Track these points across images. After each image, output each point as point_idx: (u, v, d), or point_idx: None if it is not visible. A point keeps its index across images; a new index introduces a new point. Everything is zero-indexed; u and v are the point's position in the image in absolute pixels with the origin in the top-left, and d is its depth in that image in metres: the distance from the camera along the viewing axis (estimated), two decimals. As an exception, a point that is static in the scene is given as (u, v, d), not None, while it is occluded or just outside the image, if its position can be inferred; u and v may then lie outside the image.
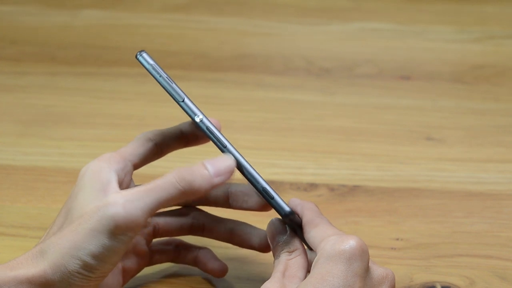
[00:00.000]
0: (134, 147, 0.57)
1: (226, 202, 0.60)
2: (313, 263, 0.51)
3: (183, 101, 0.54)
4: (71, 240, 0.50)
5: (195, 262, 0.62)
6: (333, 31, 1.03)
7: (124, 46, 0.99)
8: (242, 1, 1.10)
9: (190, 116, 0.54)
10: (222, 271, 0.62)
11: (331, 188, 0.74)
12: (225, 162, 0.53)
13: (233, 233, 0.60)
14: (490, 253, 0.66)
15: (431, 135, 0.82)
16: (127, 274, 0.59)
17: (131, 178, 0.57)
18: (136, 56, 0.55)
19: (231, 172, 0.53)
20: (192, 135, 0.59)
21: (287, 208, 0.53)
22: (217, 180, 0.52)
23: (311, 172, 0.76)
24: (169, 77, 0.55)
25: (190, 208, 0.61)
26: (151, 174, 0.63)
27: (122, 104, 0.86)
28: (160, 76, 0.55)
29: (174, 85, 0.55)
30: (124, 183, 0.55)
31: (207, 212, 0.62)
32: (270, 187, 0.53)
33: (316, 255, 0.51)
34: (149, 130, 0.58)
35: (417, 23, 1.04)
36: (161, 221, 0.61)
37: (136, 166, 0.57)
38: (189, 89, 0.89)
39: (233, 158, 0.53)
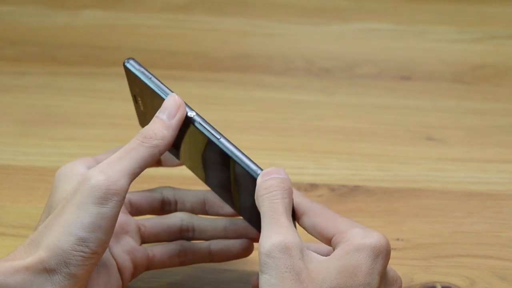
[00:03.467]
0: (110, 154, 0.57)
1: (202, 208, 0.61)
2: (336, 251, 0.51)
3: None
4: (61, 221, 0.51)
5: (210, 257, 0.61)
6: (333, 31, 1.03)
7: (124, 46, 0.99)
8: (242, 1, 1.10)
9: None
10: (248, 248, 0.61)
11: (332, 188, 0.74)
12: (170, 102, 0.54)
13: (227, 230, 0.60)
14: (491, 253, 0.66)
15: (432, 135, 0.82)
16: (124, 273, 0.58)
17: None
18: (124, 63, 0.56)
19: (179, 106, 0.54)
20: (165, 157, 0.60)
21: None
22: (174, 121, 0.54)
23: (311, 172, 0.76)
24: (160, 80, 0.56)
25: (180, 213, 0.61)
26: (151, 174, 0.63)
27: (122, 104, 0.86)
28: (150, 78, 0.55)
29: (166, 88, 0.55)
30: None
31: (196, 215, 0.61)
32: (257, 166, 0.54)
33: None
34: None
35: (417, 23, 1.04)
36: (148, 223, 0.60)
37: None
38: (189, 89, 0.90)
39: (173, 94, 0.54)
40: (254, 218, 0.57)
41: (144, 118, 0.60)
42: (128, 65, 0.56)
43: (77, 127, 0.83)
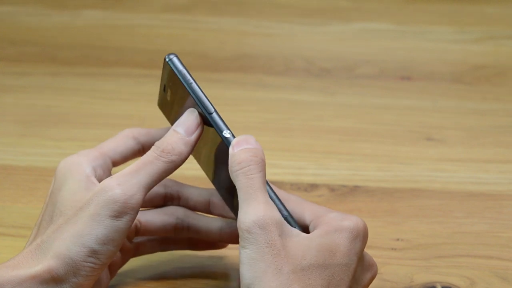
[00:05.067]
0: (115, 144, 0.57)
1: (206, 208, 0.60)
2: (315, 231, 0.51)
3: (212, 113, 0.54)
4: (73, 230, 0.50)
5: (190, 245, 0.61)
6: (333, 31, 1.03)
7: (124, 46, 0.99)
8: (242, 1, 1.10)
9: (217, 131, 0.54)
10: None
11: (332, 189, 0.74)
12: (190, 117, 0.54)
13: (222, 232, 0.60)
14: (491, 254, 0.66)
15: (432, 136, 0.82)
16: (113, 268, 0.58)
17: (110, 174, 0.56)
18: (165, 59, 0.55)
19: (199, 124, 0.53)
20: None
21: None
22: (193, 138, 0.53)
23: (311, 172, 0.76)
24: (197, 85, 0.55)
25: (176, 208, 0.60)
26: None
27: (123, 104, 0.86)
28: (191, 84, 0.55)
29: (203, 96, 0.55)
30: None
31: (192, 212, 0.60)
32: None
33: None
34: (135, 128, 0.59)
35: (417, 23, 1.04)
36: (143, 219, 0.60)
37: (116, 163, 0.57)
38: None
39: (194, 111, 0.54)
40: None
41: (167, 105, 0.58)
42: (170, 63, 0.55)
43: (77, 127, 0.83)
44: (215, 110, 0.54)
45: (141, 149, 0.58)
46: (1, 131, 0.82)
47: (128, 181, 0.51)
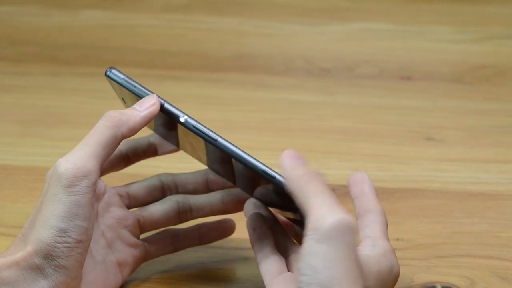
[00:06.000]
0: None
1: (206, 188, 0.61)
2: (376, 252, 0.52)
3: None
4: (40, 215, 0.52)
5: (200, 238, 0.62)
6: (333, 31, 1.03)
7: (124, 46, 0.99)
8: (242, 1, 1.10)
9: (173, 118, 0.55)
10: (232, 225, 0.62)
11: (332, 189, 0.73)
12: (147, 98, 0.55)
13: (224, 202, 0.60)
14: (491, 254, 0.66)
15: (432, 135, 0.82)
16: (124, 268, 0.59)
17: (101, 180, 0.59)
18: (106, 74, 0.57)
19: (154, 103, 0.54)
20: (160, 145, 0.61)
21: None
22: (144, 112, 0.54)
23: (311, 172, 0.76)
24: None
25: (174, 196, 0.61)
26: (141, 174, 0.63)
27: (122, 104, 0.86)
28: (135, 87, 0.56)
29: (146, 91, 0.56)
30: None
31: (190, 194, 0.61)
32: (269, 167, 0.54)
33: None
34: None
35: (417, 23, 1.04)
36: (145, 213, 0.60)
37: (101, 173, 0.58)
38: (189, 89, 0.90)
39: (155, 95, 0.55)
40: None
41: None
42: (111, 75, 0.57)
43: (77, 127, 0.82)
44: (166, 101, 0.55)
45: (127, 160, 0.61)
46: (1, 131, 0.82)
47: (76, 154, 0.52)
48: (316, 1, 1.10)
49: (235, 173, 0.57)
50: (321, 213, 0.48)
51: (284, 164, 0.53)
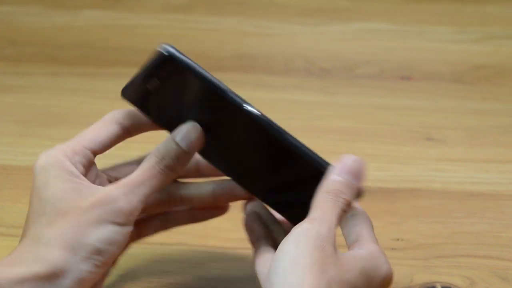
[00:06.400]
0: (96, 133, 0.57)
1: (196, 171, 0.60)
2: (359, 252, 0.52)
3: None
4: (76, 230, 0.50)
5: (190, 216, 0.61)
6: (333, 31, 1.03)
7: (124, 46, 0.99)
8: (242, 1, 1.10)
9: (238, 104, 0.56)
10: (225, 206, 0.61)
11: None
12: (192, 132, 0.54)
13: (215, 193, 0.59)
14: (491, 254, 0.66)
15: (432, 135, 0.82)
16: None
17: (95, 164, 0.56)
18: (160, 50, 0.54)
19: (200, 137, 0.54)
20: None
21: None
22: (193, 153, 0.54)
23: (311, 172, 0.76)
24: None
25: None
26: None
27: (122, 104, 0.86)
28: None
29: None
30: (88, 176, 0.55)
31: (182, 182, 0.60)
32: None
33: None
34: (119, 110, 0.59)
35: (417, 23, 1.04)
36: None
37: (97, 152, 0.56)
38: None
39: (196, 125, 0.54)
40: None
41: (144, 96, 0.57)
42: (173, 56, 0.53)
43: (77, 127, 0.82)
44: (230, 89, 0.57)
45: (126, 133, 0.58)
46: (1, 131, 0.82)
47: (133, 192, 0.52)
48: (316, 1, 1.10)
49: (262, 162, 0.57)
50: (313, 221, 0.51)
51: (338, 176, 0.57)
